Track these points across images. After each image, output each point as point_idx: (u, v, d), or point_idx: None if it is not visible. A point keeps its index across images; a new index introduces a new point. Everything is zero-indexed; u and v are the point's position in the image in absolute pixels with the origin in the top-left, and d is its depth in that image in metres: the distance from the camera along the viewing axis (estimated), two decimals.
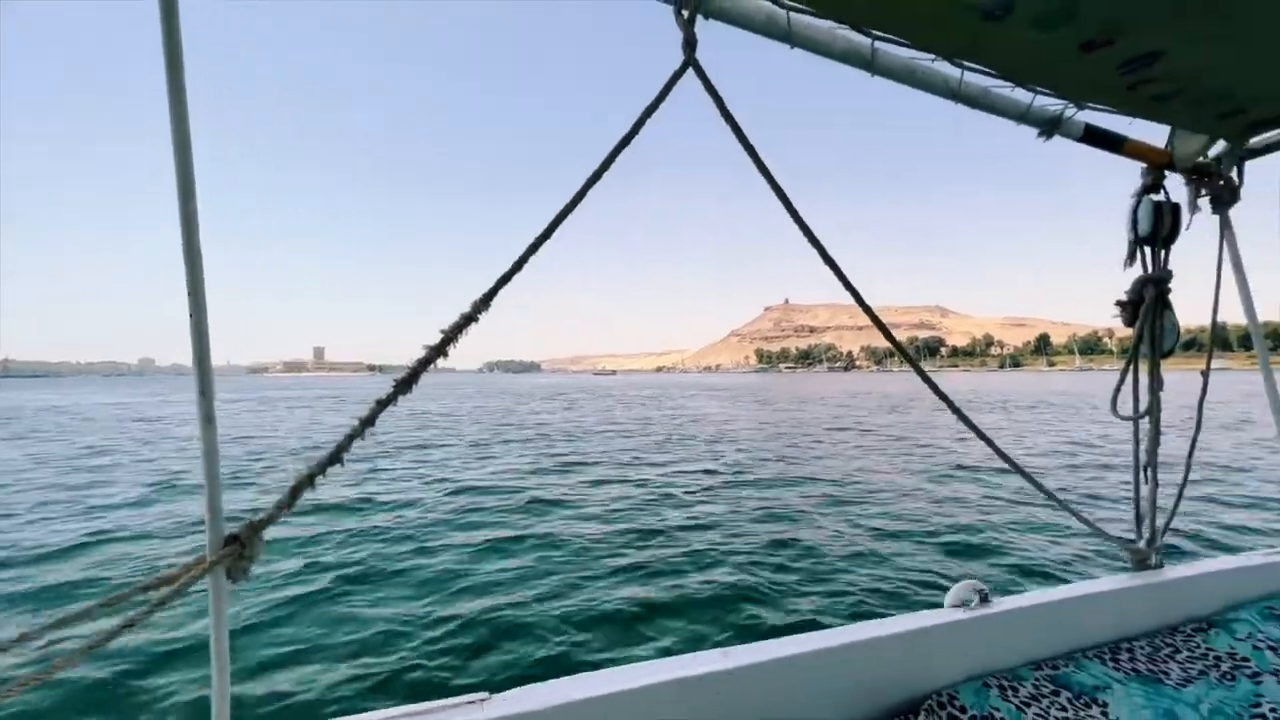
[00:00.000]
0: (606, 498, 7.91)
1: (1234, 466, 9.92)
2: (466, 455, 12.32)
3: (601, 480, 9.29)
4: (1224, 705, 1.11)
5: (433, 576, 4.73)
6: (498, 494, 8.11)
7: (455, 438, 15.72)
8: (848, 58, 1.33)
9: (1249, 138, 1.75)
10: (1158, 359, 1.74)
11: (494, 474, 9.89)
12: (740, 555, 5.28)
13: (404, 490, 8.45)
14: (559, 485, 8.82)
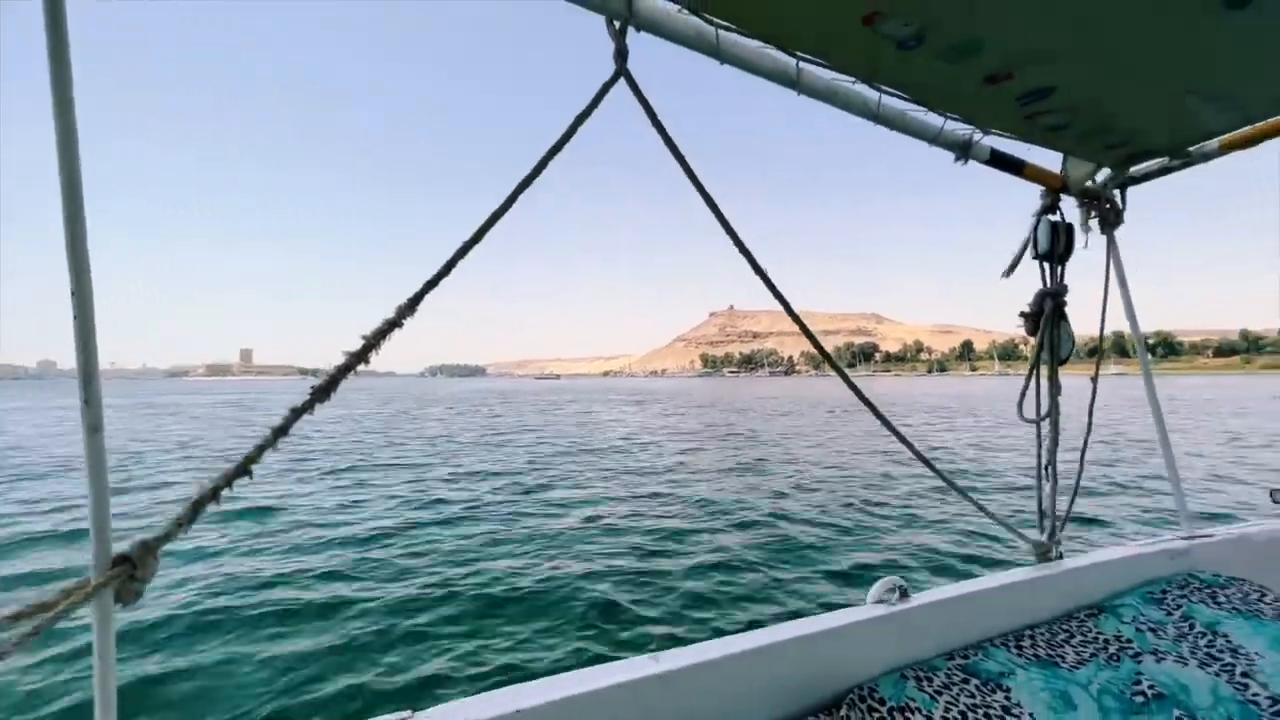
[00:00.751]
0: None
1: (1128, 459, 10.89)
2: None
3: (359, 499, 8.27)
4: (1111, 684, 1.21)
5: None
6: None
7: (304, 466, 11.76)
8: (774, 76, 1.38)
9: (1129, 167, 1.92)
10: (1056, 366, 1.88)
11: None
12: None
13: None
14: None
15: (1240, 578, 1.67)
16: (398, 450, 14.23)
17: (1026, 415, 1.87)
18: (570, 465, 11.63)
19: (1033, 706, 1.14)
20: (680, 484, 9.46)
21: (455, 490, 8.97)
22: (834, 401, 36.39)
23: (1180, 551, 1.78)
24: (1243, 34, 1.19)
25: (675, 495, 8.50)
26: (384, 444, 15.57)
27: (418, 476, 10.24)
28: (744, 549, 5.75)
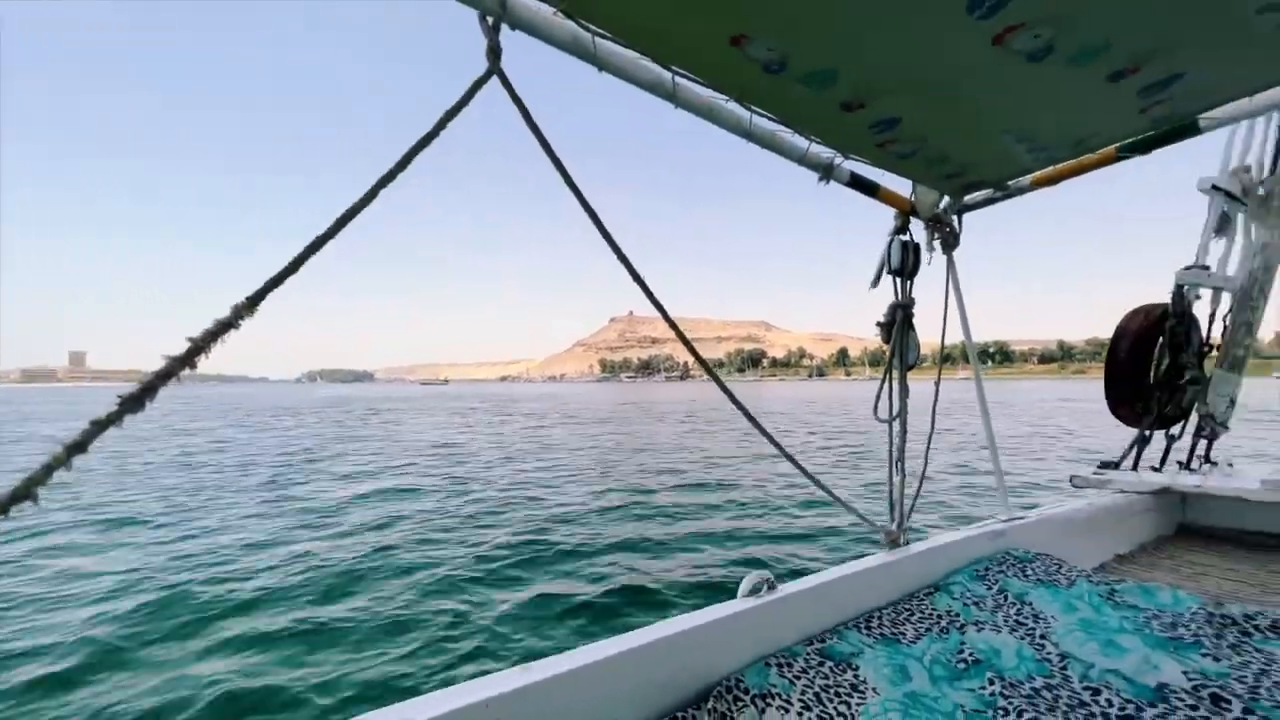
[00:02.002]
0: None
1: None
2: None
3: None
4: (941, 655, 1.36)
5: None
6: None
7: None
8: (652, 88, 1.41)
9: (964, 195, 2.17)
10: (905, 371, 2.09)
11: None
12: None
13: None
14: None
15: (1044, 553, 1.95)
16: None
17: (881, 416, 2.05)
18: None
19: (876, 681, 1.25)
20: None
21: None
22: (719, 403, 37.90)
23: (1000, 533, 2.04)
24: (1042, 85, 1.39)
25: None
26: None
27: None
28: (622, 553, 5.82)
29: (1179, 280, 2.80)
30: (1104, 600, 1.58)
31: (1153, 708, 1.12)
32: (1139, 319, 2.82)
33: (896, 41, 1.24)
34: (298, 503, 8.26)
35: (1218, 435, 2.86)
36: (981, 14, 1.14)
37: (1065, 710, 1.13)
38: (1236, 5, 1.13)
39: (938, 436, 14.07)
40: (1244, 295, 2.83)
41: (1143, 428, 2.83)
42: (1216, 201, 2.75)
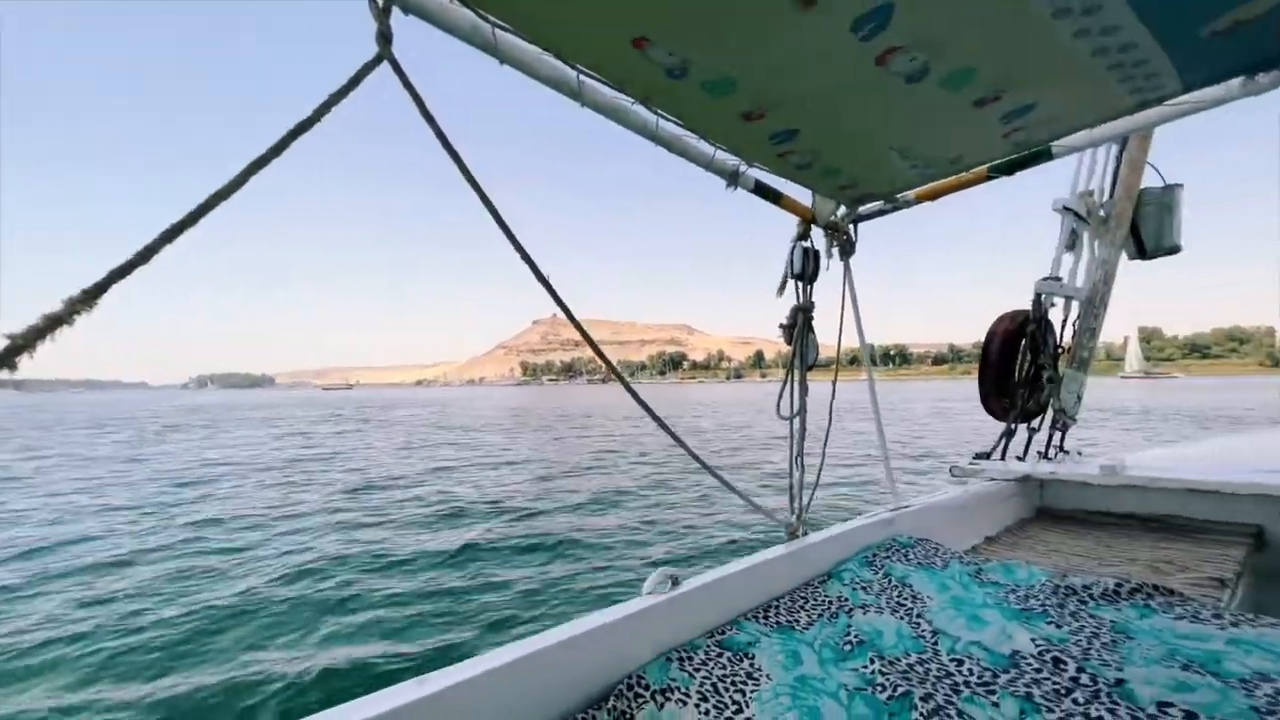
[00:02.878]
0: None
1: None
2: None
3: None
4: (830, 638, 1.44)
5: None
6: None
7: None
8: (557, 85, 1.40)
9: (859, 206, 2.31)
10: (805, 371, 2.19)
11: None
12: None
13: None
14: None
15: (925, 538, 2.11)
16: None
17: (782, 414, 2.14)
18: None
19: (770, 668, 1.30)
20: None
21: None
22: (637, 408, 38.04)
23: (888, 521, 2.19)
24: (921, 106, 1.51)
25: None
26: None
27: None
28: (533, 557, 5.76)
29: (1037, 289, 3.16)
30: (972, 579, 1.74)
31: (1005, 674, 1.24)
32: (1005, 323, 3.15)
33: (789, 57, 1.30)
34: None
35: (1068, 427, 3.25)
36: (864, 35, 1.22)
37: (933, 681, 1.23)
38: (1068, 47, 1.28)
39: (859, 436, 15.15)
40: (1089, 304, 3.23)
41: (1009, 421, 3.15)
42: (1067, 220, 3.13)
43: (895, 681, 1.22)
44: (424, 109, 1.10)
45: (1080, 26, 1.21)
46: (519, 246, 1.26)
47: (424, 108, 1.10)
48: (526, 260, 1.28)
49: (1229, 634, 1.34)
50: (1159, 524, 2.49)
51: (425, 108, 1.10)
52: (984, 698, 1.16)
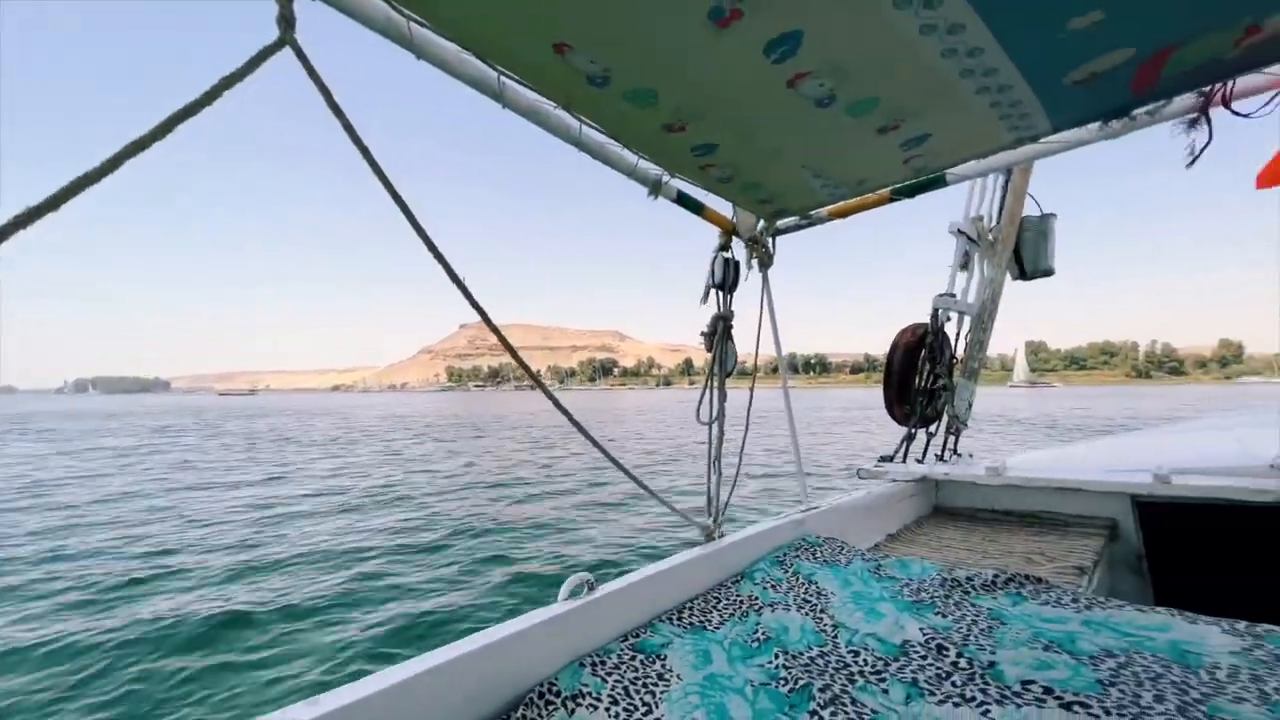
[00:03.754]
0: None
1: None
2: None
3: None
4: (739, 636, 1.49)
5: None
6: None
7: None
8: (477, 85, 1.37)
9: (777, 220, 2.41)
10: (723, 378, 2.26)
11: None
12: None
13: None
14: None
15: (832, 537, 2.23)
16: None
17: (702, 419, 2.19)
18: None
19: (681, 668, 1.33)
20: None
21: None
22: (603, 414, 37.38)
23: (799, 521, 2.30)
24: (829, 129, 1.60)
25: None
26: None
27: None
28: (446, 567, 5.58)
29: (934, 304, 3.43)
30: (871, 574, 1.85)
31: (896, 662, 1.33)
32: (907, 335, 3.39)
33: (707, 74, 1.34)
34: None
35: (961, 432, 3.54)
36: (776, 58, 1.28)
37: (832, 672, 1.30)
38: (955, 85, 1.40)
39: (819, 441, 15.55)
40: (978, 319, 3.55)
41: (910, 426, 3.39)
42: (960, 242, 3.43)
43: (797, 674, 1.28)
44: (331, 100, 1.04)
45: (964, 66, 1.33)
46: (432, 246, 1.22)
47: (331, 99, 1.04)
48: (440, 261, 1.24)
49: (1084, 616, 1.50)
50: (1034, 519, 2.76)
51: (333, 99, 1.04)
52: (875, 685, 1.24)
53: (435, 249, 1.21)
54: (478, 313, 1.37)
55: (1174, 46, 1.31)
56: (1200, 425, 3.93)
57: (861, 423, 27.37)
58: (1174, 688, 1.16)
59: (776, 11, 1.13)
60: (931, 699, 1.18)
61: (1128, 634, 1.39)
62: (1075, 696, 1.13)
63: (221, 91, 0.92)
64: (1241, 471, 2.29)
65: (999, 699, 1.16)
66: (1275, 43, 1.33)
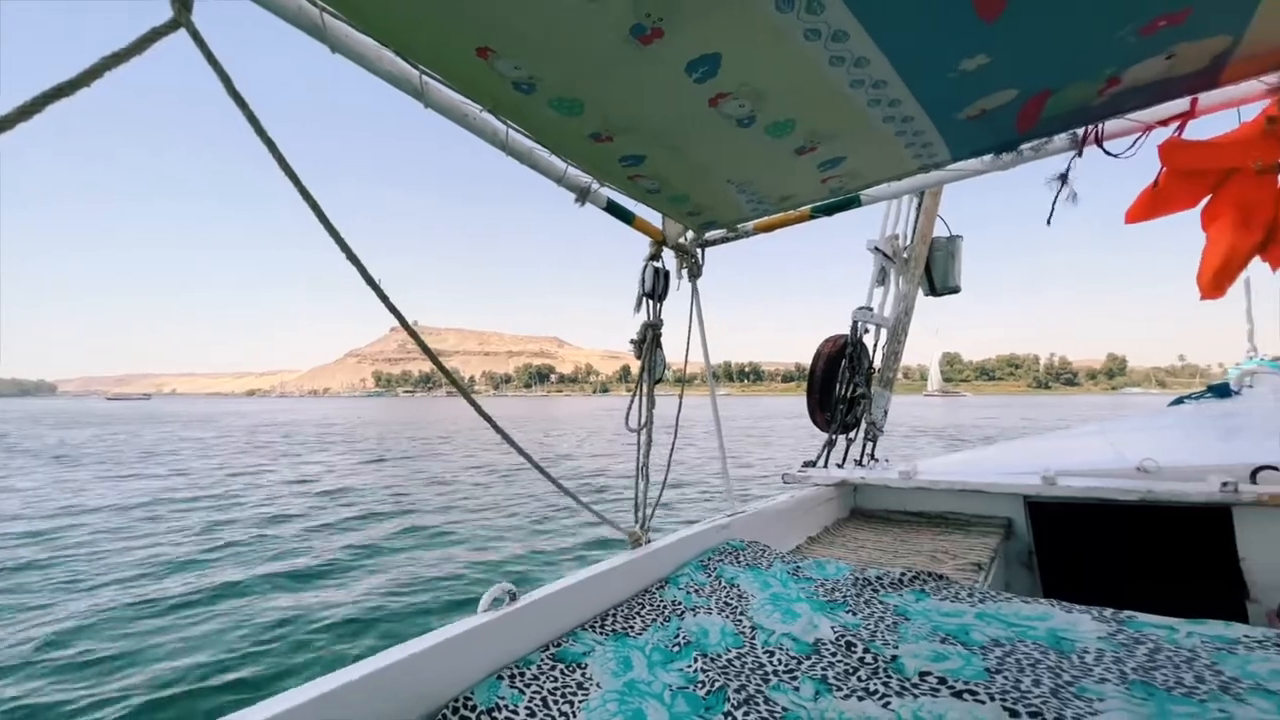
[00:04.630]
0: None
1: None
2: None
3: None
4: (660, 641, 1.51)
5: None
6: None
7: None
8: (397, 82, 1.33)
9: (705, 232, 2.47)
10: (652, 385, 2.28)
11: None
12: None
13: None
14: None
15: (756, 540, 2.29)
16: None
17: (631, 425, 2.20)
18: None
19: (601, 676, 1.33)
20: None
21: None
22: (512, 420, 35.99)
23: (724, 526, 2.35)
24: (751, 148, 1.66)
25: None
26: None
27: None
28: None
29: (854, 317, 3.63)
30: (790, 576, 1.92)
31: (808, 660, 1.39)
32: (829, 346, 3.57)
33: (633, 87, 1.36)
34: None
35: (877, 438, 3.75)
36: (698, 78, 1.32)
37: (748, 673, 1.33)
38: (864, 113, 1.50)
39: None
40: (894, 331, 3.77)
41: (831, 432, 3.55)
42: (877, 259, 3.64)
43: (714, 677, 1.31)
44: (231, 87, 0.98)
45: (871, 97, 1.42)
46: (344, 246, 1.16)
47: (231, 85, 0.98)
48: (353, 261, 1.19)
49: (978, 609, 1.62)
50: (940, 519, 2.95)
51: (233, 86, 0.98)
52: (788, 683, 1.28)
53: (348, 249, 1.16)
54: (395, 316, 1.32)
55: (1050, 91, 1.45)
56: (1083, 431, 4.34)
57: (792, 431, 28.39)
58: (1049, 672, 1.27)
59: (696, 34, 1.16)
60: (838, 694, 1.24)
61: (1013, 624, 1.51)
62: (965, 685, 1.22)
63: (103, 71, 0.85)
64: (1113, 473, 2.54)
65: (899, 691, 1.22)
66: (1134, 92, 1.51)
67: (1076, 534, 2.75)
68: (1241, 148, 1.66)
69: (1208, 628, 1.44)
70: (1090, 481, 2.49)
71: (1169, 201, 1.83)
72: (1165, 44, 1.29)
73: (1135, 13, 1.17)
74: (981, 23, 1.16)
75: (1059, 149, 1.81)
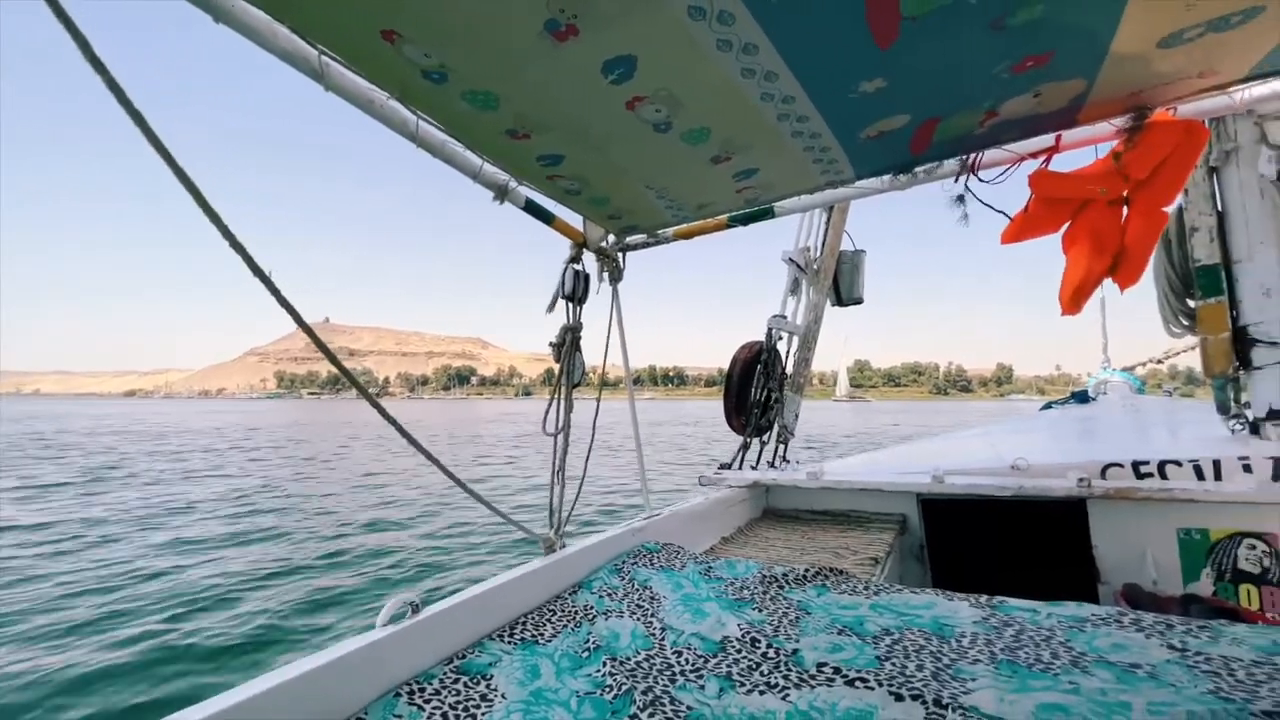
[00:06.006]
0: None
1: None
2: None
3: None
4: (570, 648, 1.49)
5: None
6: None
7: None
8: (293, 60, 1.24)
9: (626, 236, 2.47)
10: (570, 388, 2.26)
11: None
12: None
13: None
14: None
15: (670, 542, 2.32)
16: None
17: (548, 429, 2.17)
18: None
19: (507, 686, 1.29)
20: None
21: None
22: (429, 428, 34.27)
23: (640, 529, 2.36)
24: (668, 153, 1.68)
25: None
26: None
27: None
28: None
29: (769, 324, 3.78)
30: (702, 576, 1.96)
31: (715, 658, 1.42)
32: (745, 352, 3.70)
33: (549, 85, 1.34)
34: None
35: (789, 440, 3.92)
36: (614, 79, 1.32)
37: (655, 674, 1.34)
38: (774, 128, 1.56)
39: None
40: (804, 339, 3.97)
41: (746, 435, 3.67)
42: (791, 269, 3.82)
43: (621, 680, 1.31)
44: (90, 53, 0.86)
45: (780, 111, 1.48)
46: (227, 232, 1.06)
47: (90, 51, 0.86)
48: (238, 249, 1.07)
49: (872, 601, 1.72)
50: (844, 517, 3.12)
51: (93, 52, 0.86)
52: (693, 682, 1.30)
53: (230, 235, 1.05)
54: (286, 309, 1.21)
55: (939, 118, 1.58)
56: (970, 434, 4.75)
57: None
58: (931, 656, 1.37)
59: (611, 34, 1.17)
60: (741, 689, 1.27)
61: (902, 614, 1.62)
62: (858, 673, 1.29)
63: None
64: (992, 472, 2.79)
65: (798, 683, 1.28)
66: (1009, 125, 1.67)
67: (961, 527, 2.99)
68: (1095, 181, 1.88)
69: (1064, 608, 1.60)
70: (972, 479, 2.73)
71: (1037, 226, 2.04)
72: (1033, 83, 1.43)
73: (1008, 51, 1.29)
74: (877, 49, 1.24)
75: (948, 173, 1.96)
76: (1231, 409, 2.91)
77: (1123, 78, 1.46)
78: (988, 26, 1.20)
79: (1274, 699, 1.12)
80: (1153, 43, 1.31)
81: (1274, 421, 2.69)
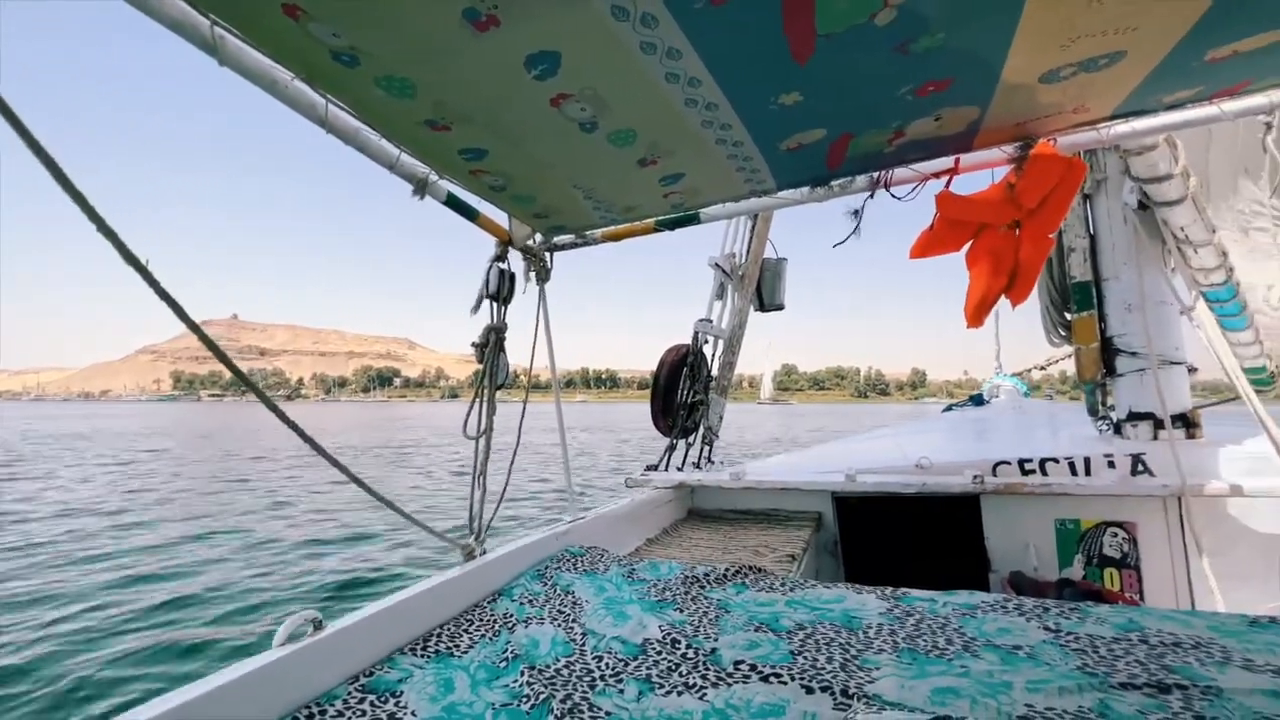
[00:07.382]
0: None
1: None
2: None
3: None
4: (487, 658, 1.44)
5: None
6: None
7: None
8: (181, 30, 1.13)
9: (554, 236, 2.44)
10: (494, 390, 2.19)
11: None
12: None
13: None
14: None
15: (595, 545, 2.30)
16: None
17: (469, 433, 2.09)
18: None
19: (418, 703, 1.23)
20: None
21: None
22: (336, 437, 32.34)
23: (563, 533, 2.33)
24: (594, 153, 1.67)
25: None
26: None
27: None
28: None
29: (695, 328, 3.86)
30: (625, 579, 1.96)
31: (635, 661, 1.41)
32: (672, 355, 3.75)
33: (470, 76, 1.30)
34: None
35: (713, 442, 4.01)
36: (537, 74, 1.29)
37: (575, 681, 1.32)
38: (699, 135, 1.59)
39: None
40: (729, 343, 4.07)
41: (672, 437, 3.72)
42: (717, 275, 3.92)
43: (540, 689, 1.28)
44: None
45: (704, 118, 1.51)
46: (94, 215, 0.94)
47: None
48: (108, 235, 0.96)
49: (788, 597, 1.78)
50: (765, 516, 3.23)
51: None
52: (613, 687, 1.30)
53: (99, 219, 0.94)
54: (166, 301, 1.10)
55: (851, 135, 1.66)
56: (881, 434, 5.04)
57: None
58: (841, 649, 1.43)
59: (533, 28, 1.14)
60: (660, 691, 1.27)
61: (815, 608, 1.69)
62: (772, 669, 1.33)
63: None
64: (899, 470, 2.98)
65: (715, 682, 1.30)
66: (914, 145, 1.78)
67: (871, 523, 3.16)
68: (991, 206, 2.04)
69: (958, 597, 1.72)
70: (881, 477, 2.89)
71: (941, 243, 2.19)
72: (934, 107, 1.54)
73: (913, 74, 1.38)
74: (795, 64, 1.29)
75: (860, 189, 2.07)
76: (1100, 411, 3.25)
77: (1011, 108, 1.59)
78: (895, 50, 1.27)
79: (1129, 672, 1.25)
80: (1035, 77, 1.44)
81: (1133, 423, 3.03)
